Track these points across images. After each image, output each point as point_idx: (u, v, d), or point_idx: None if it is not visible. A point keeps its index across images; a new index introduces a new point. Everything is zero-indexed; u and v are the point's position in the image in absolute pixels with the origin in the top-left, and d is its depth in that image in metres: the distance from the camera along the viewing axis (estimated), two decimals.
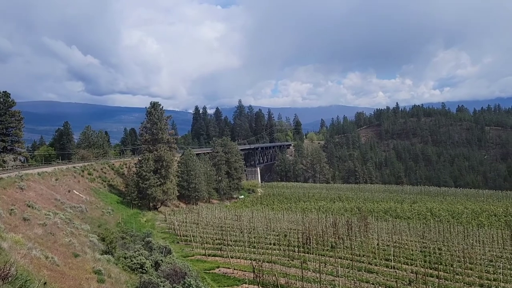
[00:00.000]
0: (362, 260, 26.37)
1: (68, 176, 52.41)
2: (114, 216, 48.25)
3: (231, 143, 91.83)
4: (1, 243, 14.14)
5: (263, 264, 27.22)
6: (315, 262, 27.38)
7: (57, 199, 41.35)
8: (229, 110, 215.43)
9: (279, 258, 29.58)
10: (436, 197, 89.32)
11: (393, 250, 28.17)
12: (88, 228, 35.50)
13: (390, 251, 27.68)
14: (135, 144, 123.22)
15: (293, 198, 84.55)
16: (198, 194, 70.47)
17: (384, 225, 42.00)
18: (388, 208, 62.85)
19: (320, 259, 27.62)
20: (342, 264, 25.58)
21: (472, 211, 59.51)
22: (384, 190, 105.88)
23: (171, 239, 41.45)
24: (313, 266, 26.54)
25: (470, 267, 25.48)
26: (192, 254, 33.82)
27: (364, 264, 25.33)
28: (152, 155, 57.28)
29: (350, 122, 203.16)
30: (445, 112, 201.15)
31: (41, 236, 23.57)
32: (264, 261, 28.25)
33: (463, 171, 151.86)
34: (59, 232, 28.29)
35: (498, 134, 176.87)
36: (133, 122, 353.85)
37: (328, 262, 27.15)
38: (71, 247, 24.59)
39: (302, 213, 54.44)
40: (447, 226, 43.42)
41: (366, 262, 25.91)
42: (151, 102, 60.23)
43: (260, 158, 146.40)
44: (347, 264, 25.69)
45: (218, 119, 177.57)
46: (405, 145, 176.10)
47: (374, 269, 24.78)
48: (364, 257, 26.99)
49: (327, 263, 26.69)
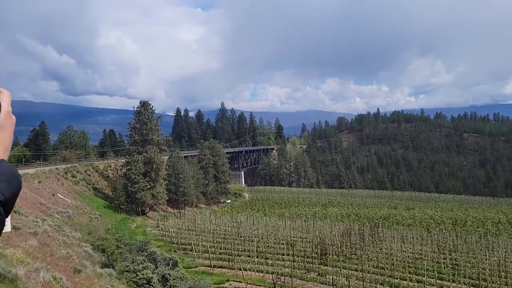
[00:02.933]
0: (390, 274, 24.36)
1: (51, 179, 48.85)
2: (103, 222, 45.06)
3: (218, 145, 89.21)
4: (16, 270, 11.47)
5: (272, 276, 24.99)
6: (336, 276, 25.28)
7: (42, 204, 38.03)
8: (209, 113, 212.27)
9: (294, 271, 27.35)
10: (427, 203, 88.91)
11: (418, 263, 26.36)
12: (80, 236, 32.54)
13: (418, 264, 25.85)
14: (115, 146, 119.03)
15: (283, 203, 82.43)
16: (187, 198, 67.53)
17: (395, 233, 40.32)
18: (387, 214, 61.44)
19: (342, 272, 25.54)
20: (369, 278, 23.53)
21: (475, 218, 58.76)
22: (374, 195, 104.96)
23: (166, 247, 38.62)
24: (335, 280, 24.44)
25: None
26: (195, 265, 31.17)
27: (396, 280, 23.35)
28: (142, 157, 54.20)
29: (331, 127, 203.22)
30: (424, 119, 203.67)
31: (37, 248, 20.65)
32: (279, 273, 25.97)
33: (443, 176, 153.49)
34: (51, 242, 25.35)
35: (476, 140, 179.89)
36: (110, 123, 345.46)
37: (350, 275, 25.07)
38: (70, 261, 21.75)
39: (302, 220, 52.30)
40: (462, 235, 42.07)
41: (396, 276, 23.92)
42: (140, 101, 57.20)
43: (244, 161, 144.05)
44: (373, 279, 23.66)
45: (200, 121, 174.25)
46: (386, 150, 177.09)
47: (405, 284, 22.81)
48: (390, 270, 24.98)
49: (350, 277, 24.61)
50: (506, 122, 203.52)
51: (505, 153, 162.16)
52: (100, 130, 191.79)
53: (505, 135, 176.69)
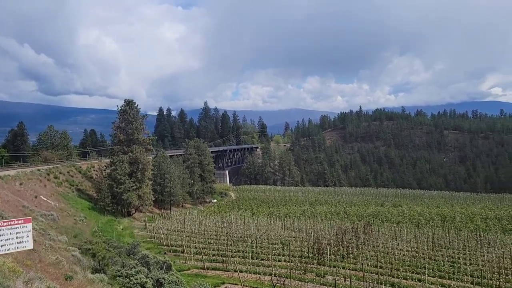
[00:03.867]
0: (390, 274, 23.93)
1: (33, 180, 47.09)
2: (88, 224, 43.65)
3: (204, 145, 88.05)
4: (15, 284, 10.55)
5: (273, 278, 24.33)
6: (336, 276, 24.77)
7: (25, 206, 36.49)
8: (191, 112, 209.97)
9: (291, 272, 26.72)
10: (413, 200, 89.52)
11: (416, 261, 26.03)
12: (66, 240, 31.29)
13: (417, 262, 25.50)
14: (96, 146, 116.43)
15: (270, 202, 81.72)
16: (173, 198, 66.28)
17: (387, 231, 40.08)
18: (376, 212, 61.41)
19: (340, 272, 25.03)
20: (370, 278, 23.06)
21: (463, 214, 59.21)
22: (360, 193, 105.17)
23: (156, 249, 37.56)
24: (334, 280, 23.92)
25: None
26: (188, 268, 30.25)
27: (397, 279, 22.94)
28: (127, 157, 52.78)
29: (315, 125, 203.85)
30: (405, 116, 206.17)
31: (25, 254, 19.55)
32: (277, 275, 25.31)
33: (425, 173, 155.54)
34: (38, 246, 24.14)
35: (456, 137, 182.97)
36: (90, 123, 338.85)
37: (349, 275, 24.58)
38: (60, 267, 20.69)
39: (292, 219, 51.70)
40: (454, 231, 42.10)
41: (396, 275, 23.52)
42: (125, 100, 55.71)
43: (228, 161, 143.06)
44: (374, 279, 23.21)
45: (183, 121, 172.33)
46: (369, 148, 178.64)
47: (406, 284, 22.40)
48: (389, 270, 24.58)
49: (350, 277, 24.12)
50: (484, 119, 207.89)
51: (484, 149, 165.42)
52: (80, 131, 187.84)
53: (483, 132, 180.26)
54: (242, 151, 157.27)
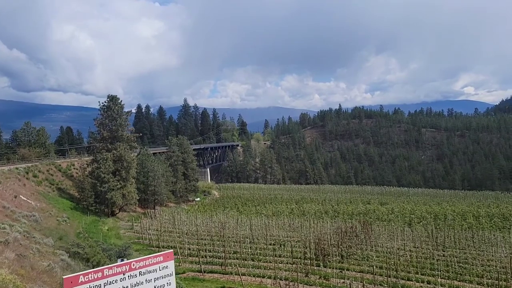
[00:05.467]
0: (399, 276, 23.19)
1: (11, 179, 44.62)
2: (72, 225, 41.62)
3: (187, 142, 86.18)
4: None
5: (280, 283, 23.32)
6: (343, 279, 23.95)
7: (5, 207, 34.39)
8: (169, 110, 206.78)
9: (293, 274, 25.72)
10: (399, 197, 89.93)
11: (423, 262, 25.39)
12: (52, 243, 29.47)
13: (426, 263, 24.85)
14: (73, 144, 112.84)
15: (255, 200, 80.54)
16: (157, 197, 64.42)
17: (382, 230, 39.56)
18: (366, 210, 61.08)
19: (347, 275, 24.20)
20: (379, 281, 22.32)
21: (454, 212, 59.44)
22: (345, 191, 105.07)
23: (146, 251, 35.90)
24: (343, 283, 23.09)
25: None
26: (183, 271, 28.76)
27: (409, 282, 22.23)
28: (111, 155, 50.75)
29: (294, 123, 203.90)
30: (384, 114, 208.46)
31: (14, 261, 17.93)
32: (277, 277, 24.26)
33: (403, 171, 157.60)
34: (26, 251, 22.53)
35: (433, 135, 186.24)
36: (65, 121, 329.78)
37: (356, 278, 23.80)
38: (53, 274, 19.18)
39: (283, 218, 50.69)
40: (450, 229, 41.93)
41: (407, 277, 22.81)
42: (108, 95, 53.51)
43: (209, 158, 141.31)
44: (383, 281, 22.46)
45: (162, 118, 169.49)
46: (349, 145, 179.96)
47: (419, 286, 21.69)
48: (396, 271, 23.89)
49: (357, 279, 23.34)
50: (459, 118, 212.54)
51: (460, 147, 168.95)
52: (54, 128, 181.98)
53: (459, 130, 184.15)
54: (222, 149, 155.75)
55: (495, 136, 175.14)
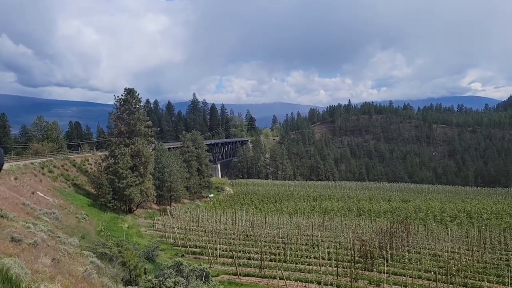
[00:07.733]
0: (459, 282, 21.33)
1: (28, 175, 43.10)
2: (91, 222, 40.01)
3: (200, 137, 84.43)
4: None
5: None
6: (395, 284, 22.13)
7: (25, 204, 32.71)
8: (176, 105, 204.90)
9: (340, 279, 23.90)
10: (419, 194, 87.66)
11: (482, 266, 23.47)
12: (77, 243, 27.79)
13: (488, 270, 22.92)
14: (82, 139, 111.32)
15: (271, 197, 78.66)
16: (173, 194, 62.76)
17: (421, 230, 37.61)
18: (392, 208, 58.77)
19: (396, 280, 22.40)
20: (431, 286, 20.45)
21: (486, 210, 57.13)
22: (362, 187, 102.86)
23: (171, 251, 34.33)
24: None
25: None
26: (216, 274, 26.97)
27: None
28: (129, 150, 49.09)
29: (303, 118, 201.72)
30: (394, 110, 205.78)
31: (51, 267, 16.19)
32: (321, 282, 22.46)
33: (415, 167, 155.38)
34: (56, 254, 20.77)
35: (444, 131, 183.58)
36: (71, 116, 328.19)
37: (411, 284, 21.97)
38: (92, 280, 17.42)
39: (311, 216, 48.74)
40: (494, 229, 39.83)
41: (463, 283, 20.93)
42: (125, 88, 51.92)
43: (220, 154, 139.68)
44: None
45: (170, 113, 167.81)
46: (359, 141, 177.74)
47: None
48: (449, 276, 22.03)
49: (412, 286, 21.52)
50: (470, 114, 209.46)
51: (472, 143, 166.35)
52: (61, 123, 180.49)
53: (471, 126, 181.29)
54: (232, 144, 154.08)
55: (507, 132, 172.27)
